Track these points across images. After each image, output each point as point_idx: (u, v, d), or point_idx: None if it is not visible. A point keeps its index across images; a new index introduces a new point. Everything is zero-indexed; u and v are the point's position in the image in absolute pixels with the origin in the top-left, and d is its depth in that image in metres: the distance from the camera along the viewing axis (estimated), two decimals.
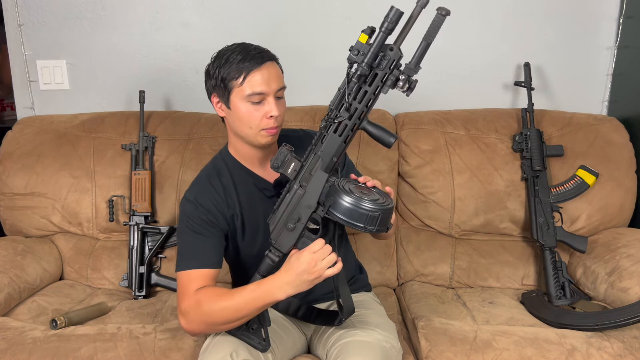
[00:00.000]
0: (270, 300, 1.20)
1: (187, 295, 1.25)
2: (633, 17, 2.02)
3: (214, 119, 2.01)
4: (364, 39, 1.10)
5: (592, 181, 1.87)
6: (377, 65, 1.11)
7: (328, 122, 1.16)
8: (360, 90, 1.13)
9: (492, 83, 2.15)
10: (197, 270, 1.28)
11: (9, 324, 1.49)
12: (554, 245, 1.78)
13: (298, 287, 1.18)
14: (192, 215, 1.31)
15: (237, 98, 1.29)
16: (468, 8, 2.09)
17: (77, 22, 2.08)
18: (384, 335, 1.31)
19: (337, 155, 1.17)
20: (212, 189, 1.34)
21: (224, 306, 1.21)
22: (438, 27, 1.07)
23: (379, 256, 1.92)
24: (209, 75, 1.33)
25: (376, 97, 1.14)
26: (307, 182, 1.19)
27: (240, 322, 1.23)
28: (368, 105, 1.14)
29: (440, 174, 1.92)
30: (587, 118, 2.01)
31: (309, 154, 1.19)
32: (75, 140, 1.94)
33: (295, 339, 1.42)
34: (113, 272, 1.88)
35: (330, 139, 1.16)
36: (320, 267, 1.16)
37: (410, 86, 1.11)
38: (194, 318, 1.24)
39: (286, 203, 1.21)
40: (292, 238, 1.21)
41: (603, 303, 1.65)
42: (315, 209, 1.19)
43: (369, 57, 1.10)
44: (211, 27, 2.11)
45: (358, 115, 1.14)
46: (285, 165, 1.19)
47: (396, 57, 1.11)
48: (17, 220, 1.92)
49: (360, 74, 1.11)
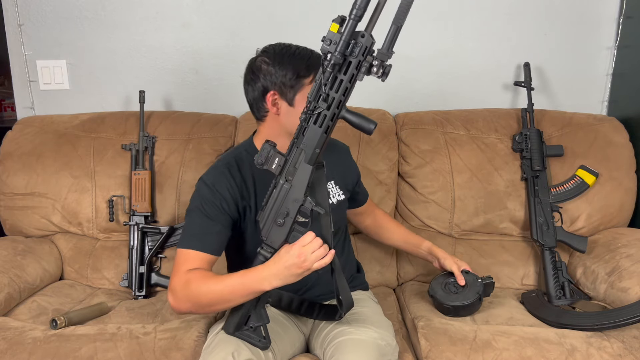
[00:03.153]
0: (255, 289, 1.21)
1: (179, 273, 1.28)
2: (633, 17, 2.02)
3: (214, 119, 2.01)
4: (335, 28, 1.10)
5: (592, 181, 1.87)
6: (350, 53, 1.10)
7: (307, 114, 1.15)
8: (337, 79, 1.13)
9: (492, 83, 2.15)
10: (195, 252, 1.30)
11: (9, 324, 1.49)
12: (553, 245, 1.78)
13: (285, 279, 1.19)
14: (207, 198, 1.32)
15: (302, 96, 1.29)
16: (468, 8, 2.09)
17: (77, 22, 2.08)
18: (379, 333, 1.32)
19: (319, 146, 1.16)
20: (230, 177, 1.35)
21: (211, 289, 1.24)
22: (407, 9, 1.07)
23: (379, 256, 1.92)
24: (265, 72, 1.30)
25: (352, 85, 1.13)
26: (292, 176, 1.19)
27: (225, 306, 1.27)
28: (345, 94, 1.13)
29: (440, 174, 1.92)
30: (587, 118, 2.01)
31: (291, 148, 1.19)
32: (75, 140, 1.94)
33: (294, 338, 1.42)
34: (113, 272, 1.88)
35: (311, 131, 1.16)
36: (309, 261, 1.16)
37: (385, 71, 1.10)
38: (181, 296, 1.27)
39: (274, 199, 1.21)
40: (283, 233, 1.21)
41: (603, 303, 1.65)
42: (302, 202, 1.19)
43: (341, 46, 1.09)
44: (211, 27, 2.11)
45: (336, 104, 1.14)
46: (270, 161, 1.19)
47: (368, 43, 1.10)
48: (17, 220, 1.92)
49: (334, 63, 1.10)
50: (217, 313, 1.61)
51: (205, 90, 2.16)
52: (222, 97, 2.16)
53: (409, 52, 2.10)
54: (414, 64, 2.12)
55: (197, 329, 1.47)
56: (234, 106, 2.12)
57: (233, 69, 2.13)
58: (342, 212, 1.52)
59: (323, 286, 1.46)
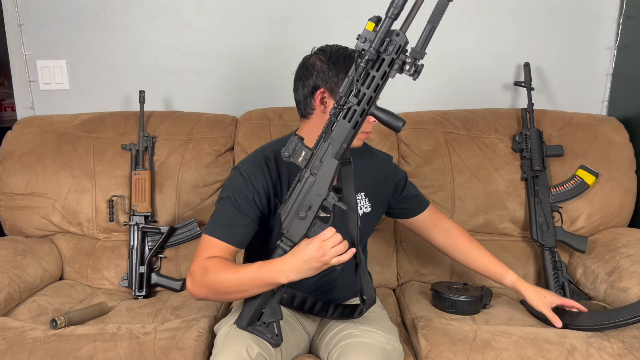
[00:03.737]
0: (272, 281, 1.21)
1: (200, 258, 1.30)
2: (633, 17, 2.02)
3: (214, 119, 2.01)
4: (370, 26, 1.12)
5: (592, 181, 1.87)
6: (384, 51, 1.12)
7: (337, 108, 1.16)
8: (369, 75, 1.14)
9: (492, 83, 2.15)
10: (219, 241, 1.31)
11: (9, 324, 1.49)
12: (553, 245, 1.78)
13: (303, 273, 1.19)
14: (240, 190, 1.32)
15: None
16: (468, 8, 2.09)
17: (77, 22, 2.09)
18: (386, 338, 1.32)
19: (347, 141, 1.17)
20: (267, 171, 1.34)
21: (228, 277, 1.24)
22: (442, 10, 1.09)
23: (378, 256, 1.92)
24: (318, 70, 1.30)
25: (384, 82, 1.15)
26: (317, 170, 1.19)
27: (241, 295, 1.27)
28: (376, 90, 1.15)
29: (440, 174, 1.92)
30: (587, 118, 2.01)
31: (319, 142, 1.19)
32: (75, 140, 1.94)
33: (300, 339, 1.42)
34: (113, 272, 1.88)
35: (340, 125, 1.17)
36: (328, 255, 1.16)
37: (417, 70, 1.12)
38: (199, 282, 1.28)
39: (297, 191, 1.21)
40: (304, 227, 1.21)
41: (603, 303, 1.65)
42: (326, 196, 1.19)
43: (376, 42, 1.11)
44: (211, 27, 2.11)
45: (367, 100, 1.15)
46: (296, 154, 1.20)
47: (402, 41, 1.12)
48: (17, 220, 1.92)
49: (368, 59, 1.12)
50: (218, 312, 1.61)
51: (205, 90, 2.16)
52: (222, 97, 2.16)
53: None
54: None
55: (197, 329, 1.47)
56: (234, 106, 2.13)
57: (233, 69, 2.13)
58: (366, 225, 1.50)
59: (340, 291, 1.46)
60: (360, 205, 1.47)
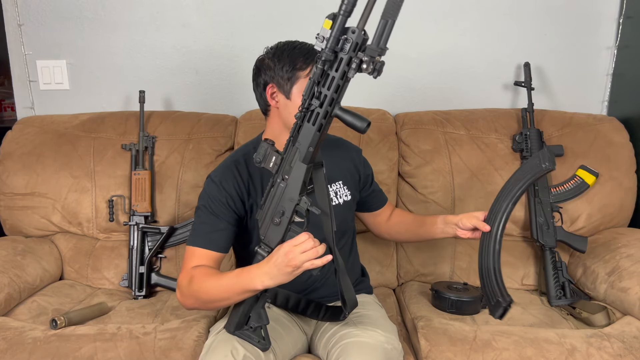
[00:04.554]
0: (248, 287, 1.21)
1: (185, 269, 1.32)
2: (633, 17, 2.02)
3: (214, 118, 2.01)
4: (327, 24, 1.08)
5: (592, 181, 1.87)
6: (341, 49, 1.08)
7: (302, 112, 1.14)
8: (328, 76, 1.10)
9: (492, 83, 2.15)
10: (200, 249, 1.33)
11: (9, 324, 1.49)
12: (554, 245, 1.78)
13: (276, 278, 1.17)
14: (213, 196, 1.35)
15: (298, 89, 1.30)
16: (468, 8, 2.09)
17: (77, 22, 2.08)
18: (385, 337, 1.31)
19: (313, 145, 1.14)
20: (238, 174, 1.36)
21: (211, 286, 1.26)
22: (397, 3, 1.02)
23: (378, 256, 1.92)
24: (266, 66, 1.33)
25: (345, 82, 1.10)
26: (288, 175, 1.18)
27: (224, 303, 1.27)
28: (337, 91, 1.10)
29: (440, 174, 1.92)
30: (587, 118, 2.01)
31: (288, 146, 1.18)
32: (75, 140, 1.94)
33: (296, 339, 1.42)
34: (113, 272, 1.88)
35: (305, 129, 1.14)
36: (297, 260, 1.13)
37: (375, 67, 1.06)
38: (186, 292, 1.30)
39: (271, 197, 1.20)
40: (279, 232, 1.20)
41: (603, 303, 1.65)
42: (298, 201, 1.17)
43: (331, 42, 1.07)
44: (211, 27, 2.11)
45: (329, 102, 1.11)
46: (267, 160, 1.19)
47: (359, 39, 1.06)
48: (17, 220, 1.92)
49: (325, 60, 1.08)
50: (217, 312, 1.61)
51: (205, 90, 2.16)
52: (222, 97, 2.16)
53: (409, 52, 2.10)
54: (414, 64, 2.12)
55: (197, 329, 1.47)
56: (234, 106, 2.13)
57: (233, 69, 2.13)
58: (348, 213, 1.52)
59: (329, 288, 1.46)
60: (340, 194, 1.48)
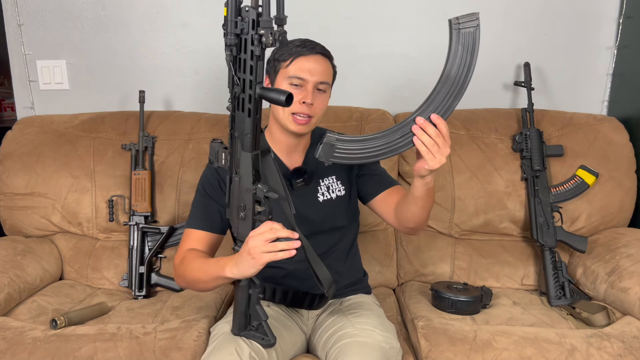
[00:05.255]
0: (219, 274, 1.23)
1: (181, 250, 1.38)
2: (633, 17, 2.02)
3: (214, 119, 2.01)
4: (225, 11, 1.10)
5: (592, 181, 1.87)
6: (242, 31, 1.08)
7: (230, 101, 1.15)
8: (240, 60, 1.11)
9: (492, 83, 2.15)
10: (196, 231, 1.38)
11: (9, 324, 1.49)
12: (553, 245, 1.78)
13: (242, 268, 1.17)
14: (209, 179, 1.41)
15: (281, 79, 1.35)
16: (468, 8, 2.09)
17: (77, 22, 2.08)
18: (383, 336, 1.31)
19: (250, 131, 1.14)
20: None
21: (194, 267, 1.31)
22: None
23: (378, 256, 1.92)
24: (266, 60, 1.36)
25: (256, 62, 1.10)
26: (239, 168, 1.18)
27: (204, 286, 1.32)
28: (253, 72, 1.10)
29: (440, 174, 1.92)
30: (587, 118, 2.01)
31: (230, 139, 1.18)
32: (75, 140, 1.94)
33: (296, 338, 1.42)
34: (113, 272, 1.88)
35: (238, 118, 1.16)
36: (258, 249, 1.12)
37: (276, 37, 1.07)
38: (177, 272, 1.37)
39: (232, 194, 1.21)
40: (248, 226, 1.20)
41: (603, 303, 1.65)
42: (254, 190, 1.16)
43: (230, 26, 1.08)
44: (211, 27, 2.10)
45: (249, 85, 1.12)
46: (219, 158, 1.22)
47: (253, 15, 1.07)
48: (17, 220, 1.92)
49: (229, 45, 1.09)
50: (217, 312, 1.61)
51: (205, 90, 2.16)
52: (222, 97, 2.15)
53: (409, 52, 2.10)
54: (414, 64, 2.12)
55: (197, 329, 1.47)
56: None
57: None
58: (340, 208, 1.51)
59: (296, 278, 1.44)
60: (333, 189, 1.49)
